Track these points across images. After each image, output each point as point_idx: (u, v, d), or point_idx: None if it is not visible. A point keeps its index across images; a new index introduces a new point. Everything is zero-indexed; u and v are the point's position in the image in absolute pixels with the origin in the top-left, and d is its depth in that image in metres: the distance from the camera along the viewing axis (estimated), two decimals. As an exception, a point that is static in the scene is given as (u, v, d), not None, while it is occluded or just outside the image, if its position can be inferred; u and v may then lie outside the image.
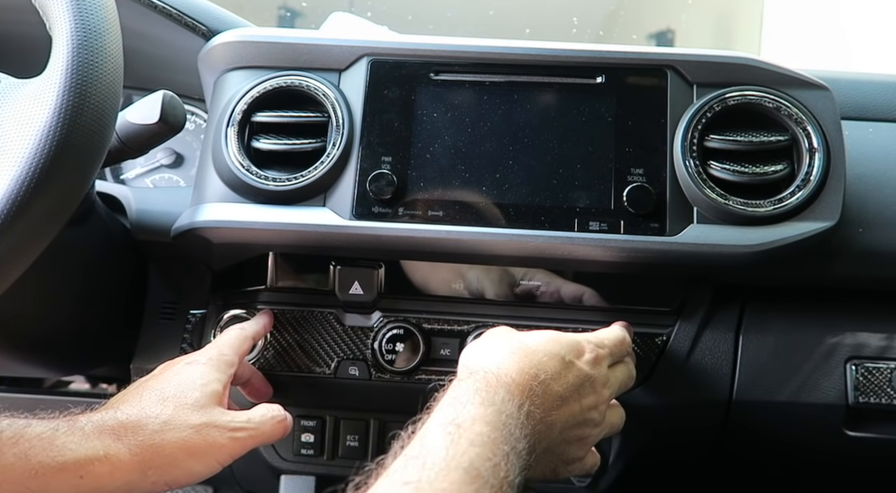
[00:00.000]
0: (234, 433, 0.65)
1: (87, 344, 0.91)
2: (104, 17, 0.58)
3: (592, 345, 0.68)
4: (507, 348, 0.64)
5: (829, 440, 0.82)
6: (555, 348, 0.65)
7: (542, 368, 0.62)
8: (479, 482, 0.49)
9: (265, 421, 0.68)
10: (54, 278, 0.76)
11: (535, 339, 0.66)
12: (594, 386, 0.65)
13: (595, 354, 0.67)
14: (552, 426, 0.61)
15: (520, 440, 0.56)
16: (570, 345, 0.66)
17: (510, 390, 0.58)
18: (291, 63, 0.79)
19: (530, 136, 0.76)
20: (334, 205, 0.75)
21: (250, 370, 0.80)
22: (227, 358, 0.71)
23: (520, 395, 0.59)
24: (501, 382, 0.59)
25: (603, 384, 0.66)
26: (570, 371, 0.64)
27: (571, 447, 0.64)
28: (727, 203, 0.72)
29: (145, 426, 0.62)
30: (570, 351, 0.65)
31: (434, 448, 0.51)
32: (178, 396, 0.65)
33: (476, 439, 0.52)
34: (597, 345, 0.68)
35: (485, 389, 0.57)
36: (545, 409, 0.60)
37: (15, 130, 0.54)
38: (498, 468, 0.51)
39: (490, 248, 0.74)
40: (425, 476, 0.49)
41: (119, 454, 0.60)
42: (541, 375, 0.61)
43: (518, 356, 0.62)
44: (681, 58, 0.76)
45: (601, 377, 0.66)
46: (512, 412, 0.57)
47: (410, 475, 0.49)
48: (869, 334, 0.81)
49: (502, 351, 0.63)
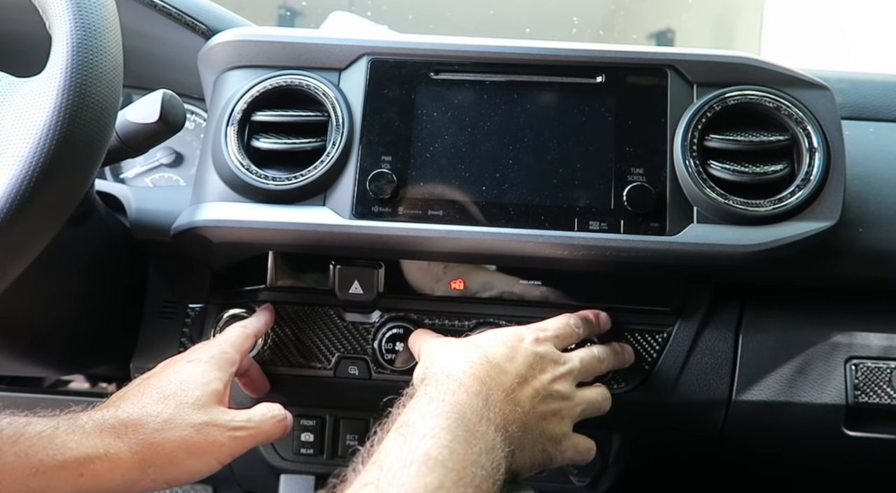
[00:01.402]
0: (234, 432, 0.65)
1: (87, 343, 0.91)
2: (104, 16, 0.58)
3: (532, 329, 0.71)
4: (452, 349, 0.68)
5: (829, 439, 0.82)
6: (497, 337, 0.69)
7: (490, 354, 0.65)
8: (438, 469, 0.51)
9: (265, 420, 0.68)
10: (54, 277, 0.76)
11: (477, 336, 0.71)
12: (545, 361, 0.68)
13: (535, 335, 0.70)
14: (519, 404, 0.63)
15: (479, 424, 0.57)
16: (510, 333, 0.70)
17: (463, 383, 0.61)
18: (291, 62, 0.79)
19: (530, 135, 0.76)
20: (334, 204, 0.75)
21: (248, 362, 0.80)
22: (228, 356, 0.71)
23: (475, 384, 0.61)
24: (453, 378, 0.61)
25: (555, 360, 0.69)
26: (517, 352, 0.67)
27: (549, 422, 0.66)
28: (727, 203, 0.72)
29: (146, 424, 0.62)
30: (512, 337, 0.69)
31: (389, 451, 0.53)
32: (178, 394, 0.65)
33: (428, 432, 0.54)
34: (537, 329, 0.72)
35: (435, 388, 0.60)
36: (505, 391, 0.63)
37: (15, 128, 0.54)
38: (455, 452, 0.53)
39: (490, 247, 0.74)
40: (384, 477, 0.50)
41: (119, 452, 0.60)
42: (492, 359, 0.64)
43: (465, 352, 0.66)
44: (681, 57, 0.76)
45: (551, 353, 0.69)
46: (467, 402, 0.58)
47: (369, 478, 0.51)
48: (869, 333, 0.81)
49: (449, 353, 0.67)
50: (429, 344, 0.72)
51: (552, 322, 0.74)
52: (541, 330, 0.71)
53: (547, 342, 0.70)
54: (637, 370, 0.80)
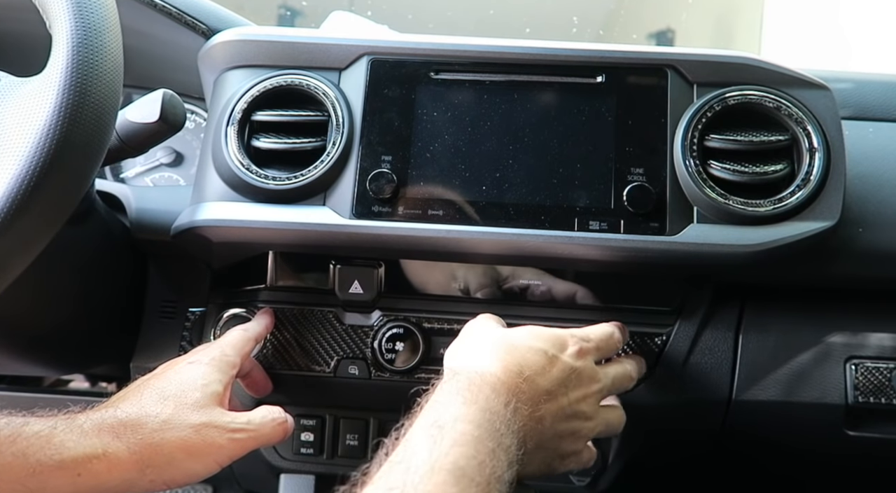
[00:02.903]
0: (233, 434, 0.65)
1: (87, 343, 0.91)
2: (104, 16, 0.58)
3: (576, 338, 0.68)
4: (489, 345, 0.64)
5: (829, 439, 0.82)
6: (538, 344, 0.65)
7: (525, 364, 0.62)
8: (464, 482, 0.49)
9: (265, 423, 0.67)
10: (54, 276, 0.76)
11: (518, 334, 0.67)
12: (580, 379, 0.65)
13: (579, 347, 0.67)
14: (542, 421, 0.61)
15: (506, 436, 0.56)
16: (553, 339, 0.66)
17: (495, 389, 0.59)
18: (291, 62, 0.79)
19: (530, 135, 0.76)
20: (334, 204, 0.75)
21: (251, 363, 0.80)
22: (229, 359, 0.71)
23: (506, 393, 0.59)
24: (486, 381, 0.59)
25: (591, 378, 0.66)
26: (554, 365, 0.64)
27: (564, 441, 0.64)
28: (727, 203, 0.72)
29: (145, 424, 0.62)
30: (554, 345, 0.65)
31: (417, 452, 0.51)
32: (178, 395, 0.65)
33: (459, 438, 0.52)
34: (581, 338, 0.68)
35: (467, 388, 0.58)
36: (532, 404, 0.61)
37: (15, 128, 0.54)
38: (483, 466, 0.51)
39: (490, 247, 0.74)
40: (409, 480, 0.49)
41: (118, 451, 0.60)
42: (525, 371, 0.62)
43: (501, 353, 0.63)
44: (681, 57, 0.76)
45: (588, 370, 0.66)
46: (498, 410, 0.57)
47: (395, 481, 0.49)
48: (869, 333, 0.81)
49: (485, 349, 0.64)
50: (471, 328, 0.70)
51: (596, 332, 0.71)
52: (584, 340, 0.68)
53: (588, 356, 0.67)
54: (639, 370, 0.80)
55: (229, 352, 0.72)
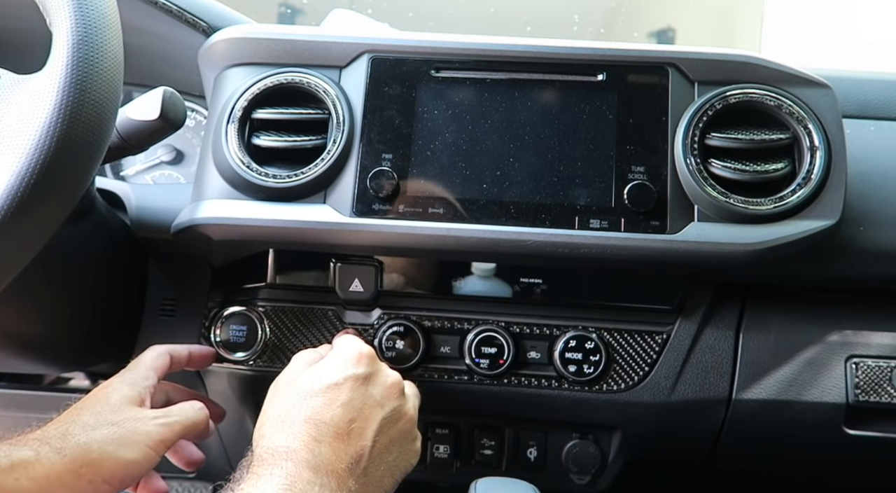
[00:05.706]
0: (157, 419, 0.68)
1: (87, 341, 0.91)
2: (104, 14, 0.58)
3: (347, 363, 0.69)
4: (279, 413, 0.66)
5: (829, 438, 0.82)
6: (318, 385, 0.67)
7: (314, 413, 0.64)
8: None
9: (186, 408, 0.71)
10: (54, 274, 0.76)
11: (304, 380, 0.68)
12: (369, 405, 0.67)
13: (352, 372, 0.68)
14: (361, 449, 0.64)
15: (318, 472, 0.59)
16: (331, 373, 0.68)
17: (291, 459, 0.61)
18: (292, 60, 0.79)
19: (531, 133, 0.76)
20: (335, 202, 0.75)
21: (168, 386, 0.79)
22: (140, 372, 0.73)
23: (304, 455, 0.61)
24: (278, 457, 0.61)
25: (377, 403, 0.68)
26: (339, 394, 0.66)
27: (395, 446, 0.68)
28: (728, 201, 0.72)
29: (70, 431, 0.64)
30: (332, 378, 0.67)
31: None
32: (96, 404, 0.68)
33: None
34: (345, 360, 0.70)
35: (267, 479, 0.60)
36: (338, 438, 0.63)
37: (15, 126, 0.54)
38: None
39: (490, 245, 0.74)
40: None
41: (49, 455, 0.62)
42: (314, 416, 0.64)
43: (291, 417, 0.65)
44: (682, 56, 0.76)
45: (370, 398, 0.68)
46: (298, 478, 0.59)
47: None
48: (869, 332, 0.81)
49: (277, 419, 0.65)
50: (270, 394, 0.70)
51: (347, 357, 0.71)
52: (352, 362, 0.70)
53: (360, 365, 0.69)
54: (637, 369, 0.80)
55: (140, 368, 0.73)
